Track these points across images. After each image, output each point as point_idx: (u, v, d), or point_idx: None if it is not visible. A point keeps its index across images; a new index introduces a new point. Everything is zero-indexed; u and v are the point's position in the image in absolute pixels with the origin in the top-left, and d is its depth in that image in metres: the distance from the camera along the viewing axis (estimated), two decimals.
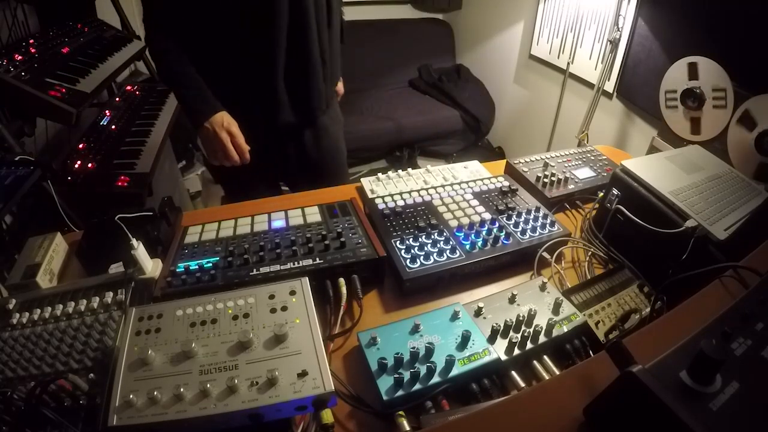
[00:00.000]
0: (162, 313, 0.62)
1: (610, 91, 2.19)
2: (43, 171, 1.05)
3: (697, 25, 1.64)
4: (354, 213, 0.96)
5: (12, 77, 1.27)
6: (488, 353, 0.67)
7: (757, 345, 0.46)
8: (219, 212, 1.15)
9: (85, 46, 1.72)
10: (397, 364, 0.64)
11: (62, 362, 0.61)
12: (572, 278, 0.91)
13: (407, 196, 1.04)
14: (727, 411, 0.40)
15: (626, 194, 0.92)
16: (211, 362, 0.55)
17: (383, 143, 3.05)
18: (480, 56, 3.43)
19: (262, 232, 0.90)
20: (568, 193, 1.12)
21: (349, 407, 0.64)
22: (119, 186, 1.39)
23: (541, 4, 2.60)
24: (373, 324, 0.73)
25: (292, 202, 1.08)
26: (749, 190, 0.95)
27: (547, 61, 2.67)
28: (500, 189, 1.09)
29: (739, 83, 1.34)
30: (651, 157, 1.04)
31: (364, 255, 0.82)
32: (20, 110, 1.36)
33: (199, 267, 0.80)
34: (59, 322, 0.67)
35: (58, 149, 1.78)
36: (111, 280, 0.76)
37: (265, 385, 0.52)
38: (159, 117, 1.82)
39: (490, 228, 0.93)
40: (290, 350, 0.56)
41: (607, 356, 0.44)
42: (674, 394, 0.39)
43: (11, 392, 0.55)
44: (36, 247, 0.87)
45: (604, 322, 0.76)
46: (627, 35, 2.00)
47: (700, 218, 0.80)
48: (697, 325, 0.49)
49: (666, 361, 0.43)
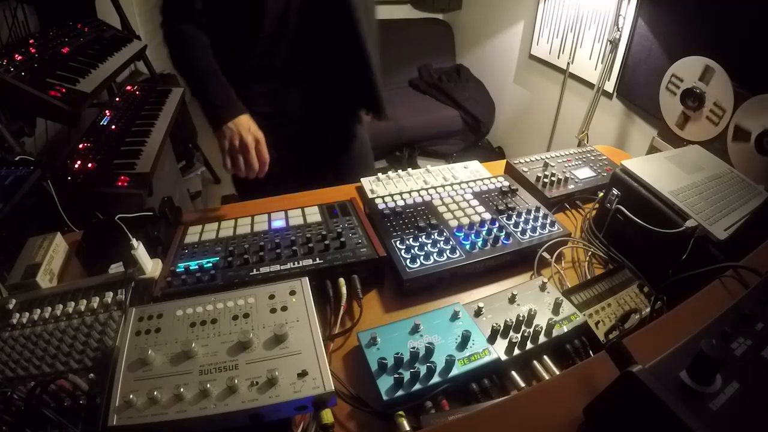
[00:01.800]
0: (162, 313, 0.62)
1: (610, 91, 2.19)
2: (43, 171, 1.05)
3: (697, 25, 1.64)
4: (354, 213, 0.96)
5: (12, 77, 1.26)
6: (488, 353, 0.67)
7: (757, 345, 0.46)
8: (219, 212, 1.15)
9: (85, 46, 1.72)
10: (397, 364, 0.64)
11: (62, 362, 0.61)
12: (572, 278, 0.91)
13: (407, 196, 1.04)
14: (727, 411, 0.40)
15: (626, 194, 0.92)
16: (211, 362, 0.55)
17: (383, 143, 3.05)
18: (480, 56, 3.43)
19: (262, 232, 0.90)
20: (568, 193, 1.12)
21: (349, 407, 0.64)
22: (119, 186, 1.39)
23: (541, 4, 2.60)
24: (373, 324, 0.73)
25: (292, 202, 1.08)
26: (749, 190, 0.95)
27: (547, 61, 2.67)
28: (500, 189, 1.09)
29: (740, 83, 1.34)
30: (651, 157, 1.04)
31: (364, 255, 0.82)
32: (20, 110, 1.36)
33: (199, 267, 0.80)
34: (59, 322, 0.67)
35: (58, 149, 1.78)
36: (111, 280, 0.76)
37: (265, 385, 0.52)
38: (159, 117, 1.81)
39: (490, 228, 0.93)
40: (290, 350, 0.56)
41: (607, 356, 0.44)
42: (674, 394, 0.39)
43: (11, 392, 0.55)
44: (36, 247, 0.87)
45: (604, 322, 0.76)
46: (627, 35, 2.00)
47: (700, 218, 0.80)
48: (697, 325, 0.48)
49: (666, 361, 0.43)
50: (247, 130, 1.00)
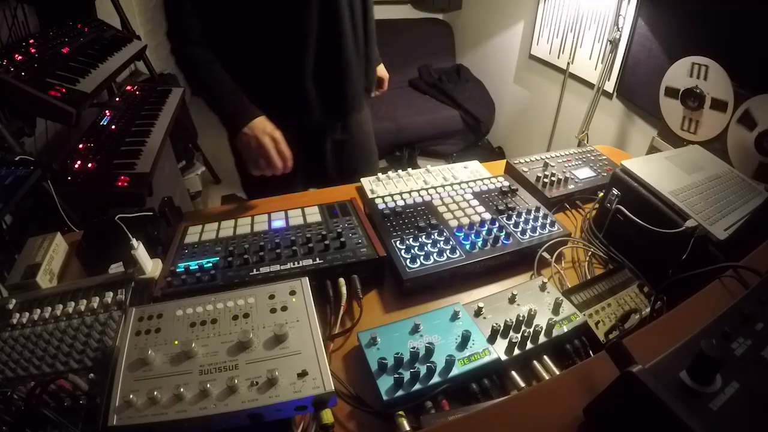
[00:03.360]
0: (162, 313, 0.62)
1: (610, 91, 2.19)
2: (43, 171, 1.05)
3: (697, 25, 1.64)
4: (354, 213, 0.96)
5: (12, 77, 1.26)
6: (488, 353, 0.67)
7: (757, 345, 0.46)
8: (219, 212, 1.15)
9: (85, 46, 1.71)
10: (397, 364, 0.64)
11: (62, 362, 0.61)
12: (572, 278, 0.91)
13: (407, 196, 1.04)
14: (727, 411, 0.40)
15: (626, 194, 0.92)
16: (211, 362, 0.55)
17: (383, 143, 3.03)
18: (480, 56, 3.43)
19: (262, 232, 0.90)
20: (568, 193, 1.12)
21: (349, 407, 0.64)
22: (119, 186, 1.39)
23: (541, 4, 2.60)
24: (373, 324, 0.73)
25: (292, 202, 1.08)
26: (749, 190, 0.95)
27: (547, 61, 2.67)
28: (500, 189, 1.09)
29: (740, 83, 1.34)
30: (651, 157, 1.04)
31: (364, 255, 0.82)
32: (20, 110, 1.36)
33: (199, 267, 0.80)
34: (59, 322, 0.67)
35: (58, 149, 1.77)
36: (111, 280, 0.76)
37: (265, 385, 0.52)
38: (159, 117, 1.81)
39: (490, 228, 0.93)
40: (290, 350, 0.56)
41: (607, 356, 0.44)
42: (674, 394, 0.39)
43: (11, 392, 0.55)
44: (36, 247, 0.87)
45: (604, 322, 0.76)
46: (627, 35, 2.00)
47: (700, 218, 0.80)
48: (697, 325, 0.48)
49: (666, 361, 0.43)
50: (263, 131, 1.02)
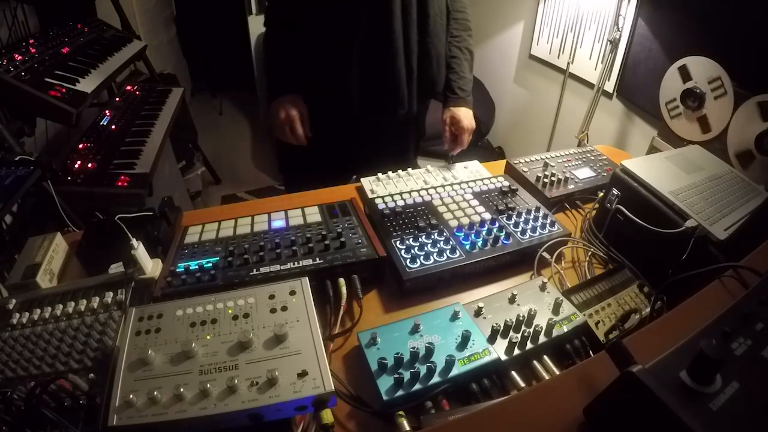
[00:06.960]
0: (162, 313, 0.62)
1: (610, 91, 2.18)
2: (43, 171, 1.05)
3: (697, 26, 1.64)
4: (354, 213, 0.96)
5: (12, 77, 1.26)
6: (488, 353, 0.67)
7: (757, 345, 0.46)
8: (219, 212, 1.15)
9: (85, 46, 1.71)
10: (397, 364, 0.64)
11: (62, 362, 0.61)
12: (572, 278, 0.91)
13: (407, 196, 1.04)
14: (727, 411, 0.40)
15: (626, 194, 0.92)
16: (211, 362, 0.55)
17: None
18: (480, 56, 3.39)
19: (262, 232, 0.90)
20: (568, 193, 1.12)
21: (349, 407, 0.64)
22: (119, 186, 1.39)
23: (541, 4, 2.59)
24: (373, 324, 0.73)
25: (292, 202, 1.08)
26: (749, 190, 0.95)
27: (547, 61, 2.67)
28: (500, 189, 1.09)
29: (740, 83, 1.34)
30: (651, 157, 1.04)
31: (364, 255, 0.82)
32: (20, 110, 1.36)
33: (199, 267, 0.80)
34: (59, 322, 0.67)
35: (58, 149, 1.77)
36: (111, 280, 0.76)
37: (265, 385, 0.52)
38: (159, 117, 1.81)
39: (490, 228, 0.93)
40: (290, 350, 0.56)
41: (607, 356, 0.44)
42: (674, 394, 0.39)
43: (11, 392, 0.55)
44: (36, 247, 0.87)
45: (604, 322, 0.76)
46: (627, 35, 2.00)
47: (700, 218, 0.80)
48: (697, 325, 0.49)
49: (666, 361, 0.43)
50: (285, 106, 1.20)
